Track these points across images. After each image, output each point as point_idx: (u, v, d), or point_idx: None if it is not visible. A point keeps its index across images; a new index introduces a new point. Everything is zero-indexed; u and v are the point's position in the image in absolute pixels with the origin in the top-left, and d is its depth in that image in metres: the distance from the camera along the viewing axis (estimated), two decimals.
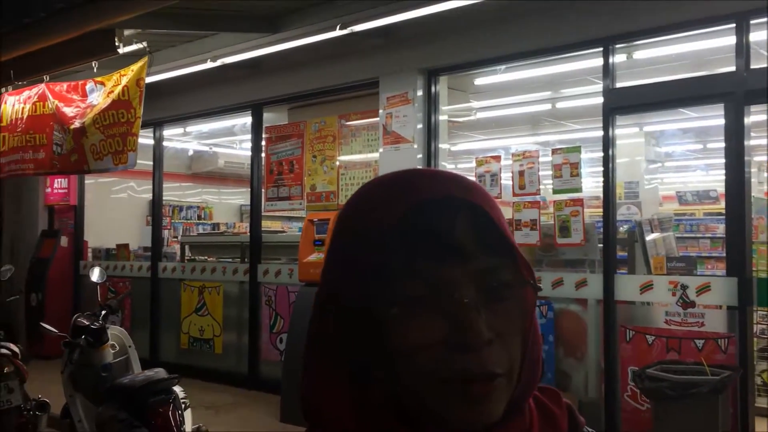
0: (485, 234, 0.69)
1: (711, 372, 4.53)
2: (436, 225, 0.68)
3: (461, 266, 0.67)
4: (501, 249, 0.69)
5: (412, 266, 0.67)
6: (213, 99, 7.99)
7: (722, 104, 4.84)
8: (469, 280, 0.67)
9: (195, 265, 8.30)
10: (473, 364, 0.66)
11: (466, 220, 0.69)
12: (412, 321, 0.67)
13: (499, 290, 0.68)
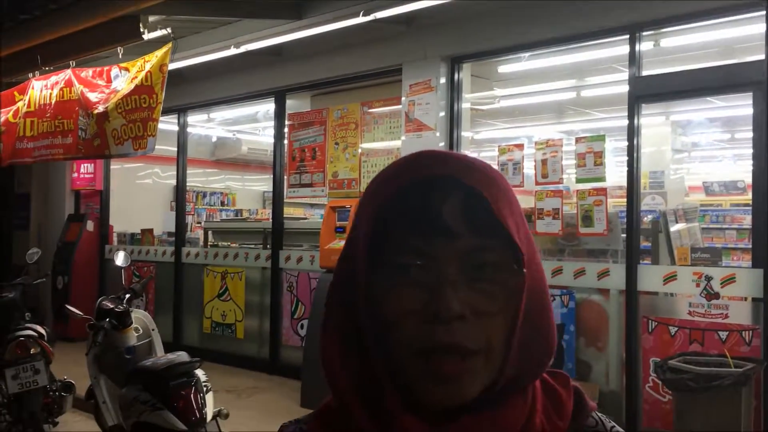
0: (477, 216, 0.70)
1: (734, 364, 4.48)
2: (427, 203, 0.70)
3: (447, 243, 0.69)
4: (492, 231, 0.70)
5: (400, 239, 0.71)
6: (236, 86, 8.03)
7: (750, 93, 4.76)
8: (454, 257, 0.69)
9: (218, 250, 8.37)
10: (442, 335, 0.68)
11: (459, 200, 0.70)
12: (395, 291, 0.70)
13: (484, 270, 0.70)
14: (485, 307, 0.69)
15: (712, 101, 7.40)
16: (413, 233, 0.70)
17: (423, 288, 0.69)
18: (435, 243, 0.70)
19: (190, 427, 3.93)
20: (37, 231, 10.28)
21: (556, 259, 5.67)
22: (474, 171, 0.72)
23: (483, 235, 0.70)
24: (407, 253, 0.70)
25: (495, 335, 0.70)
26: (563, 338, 5.42)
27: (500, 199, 0.71)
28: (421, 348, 0.69)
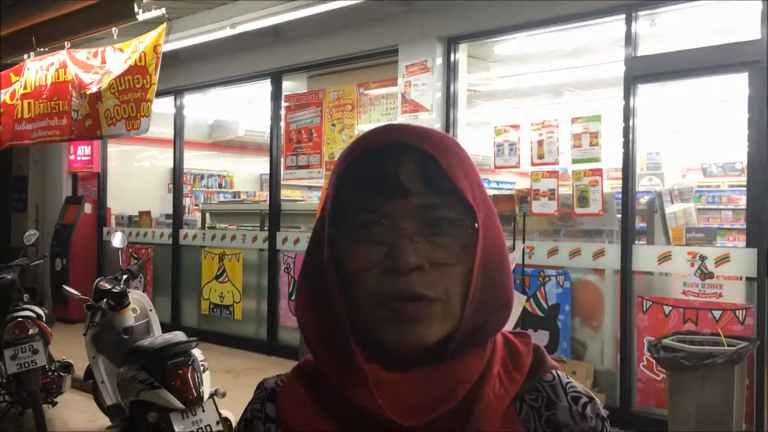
0: (431, 176, 0.75)
1: (727, 343, 4.52)
2: (383, 166, 0.76)
3: (404, 201, 0.75)
4: (446, 190, 0.75)
5: (360, 201, 0.77)
6: (233, 67, 8.01)
7: (746, 73, 4.76)
8: (409, 213, 0.75)
9: (215, 232, 8.39)
10: (402, 286, 0.73)
11: (413, 162, 0.76)
12: (357, 247, 0.76)
13: (440, 224, 0.75)
14: (441, 258, 0.75)
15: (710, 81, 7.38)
16: (372, 193, 0.76)
17: (382, 243, 0.75)
18: (392, 201, 0.75)
19: (187, 405, 3.97)
20: (34, 213, 10.29)
21: (552, 240, 5.69)
22: (427, 137, 0.78)
23: (436, 193, 0.75)
24: (367, 212, 0.76)
25: (451, 284, 0.75)
26: (558, 318, 5.46)
27: (453, 162, 0.77)
28: (382, 297, 0.74)
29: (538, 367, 0.83)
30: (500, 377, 0.79)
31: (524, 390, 0.81)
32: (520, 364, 0.81)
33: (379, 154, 0.77)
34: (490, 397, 0.76)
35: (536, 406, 0.81)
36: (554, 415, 0.80)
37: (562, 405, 0.81)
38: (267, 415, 0.87)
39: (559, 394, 0.82)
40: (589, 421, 0.80)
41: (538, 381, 0.83)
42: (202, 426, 4.00)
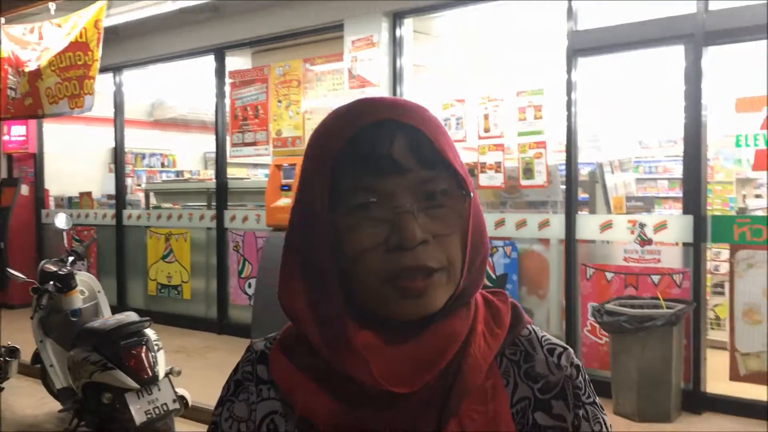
0: (423, 150, 0.78)
1: (666, 306, 4.74)
2: (377, 144, 0.77)
3: (400, 178, 0.77)
4: (436, 163, 0.78)
5: (357, 181, 0.77)
6: (174, 43, 7.84)
7: (682, 46, 4.93)
8: (407, 189, 0.77)
9: (161, 212, 8.26)
10: (409, 260, 0.75)
11: (404, 138, 0.77)
12: (358, 229, 0.77)
13: (436, 198, 0.78)
14: (442, 229, 0.78)
15: (643, 54, 7.59)
16: (367, 174, 0.77)
17: (383, 222, 0.76)
18: (388, 180, 0.77)
19: (143, 385, 3.96)
20: None
21: (499, 212, 5.82)
22: (411, 111, 0.80)
23: (429, 167, 0.78)
24: (364, 193, 0.77)
25: (453, 253, 0.78)
26: (506, 287, 5.61)
27: (438, 134, 0.80)
28: (389, 274, 0.76)
29: (517, 323, 0.88)
30: (484, 335, 0.83)
31: (505, 345, 0.86)
32: (501, 322, 0.86)
33: (367, 132, 0.78)
34: (477, 354, 0.81)
35: (515, 360, 0.86)
36: (532, 367, 0.86)
37: (539, 357, 0.86)
38: (258, 376, 0.89)
39: (535, 347, 0.87)
40: (565, 370, 0.85)
41: (516, 336, 0.88)
42: (159, 405, 4.01)
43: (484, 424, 0.80)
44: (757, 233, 4.66)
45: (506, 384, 0.84)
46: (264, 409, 0.87)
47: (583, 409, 0.85)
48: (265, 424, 0.86)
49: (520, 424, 0.83)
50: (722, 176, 6.87)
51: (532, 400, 0.84)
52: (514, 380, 0.85)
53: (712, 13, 4.78)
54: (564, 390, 0.85)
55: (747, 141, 4.81)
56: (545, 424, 0.83)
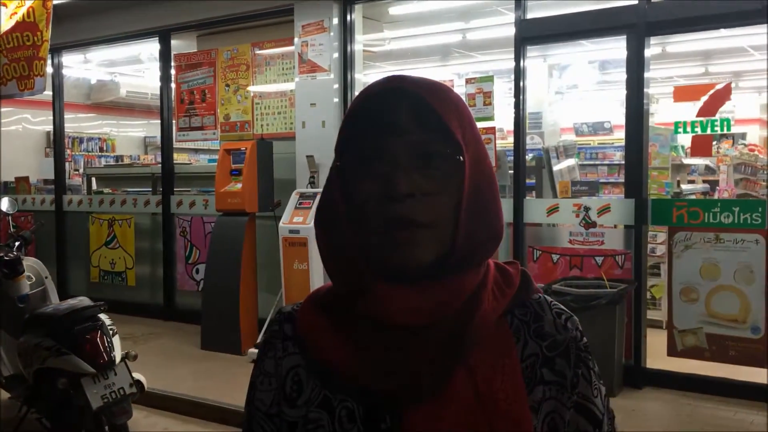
0: (425, 116, 0.86)
1: (609, 286, 4.95)
2: (383, 108, 0.86)
3: (400, 139, 0.85)
4: (438, 129, 0.86)
5: (363, 139, 0.87)
6: (117, 24, 7.65)
7: (624, 36, 5.13)
8: (405, 149, 0.85)
9: (103, 197, 8.08)
10: (396, 211, 0.83)
11: (409, 104, 0.86)
12: (362, 180, 0.86)
13: (432, 159, 0.86)
14: (431, 188, 0.85)
15: (585, 44, 7.84)
16: (373, 133, 0.86)
17: (381, 175, 0.84)
18: (390, 139, 0.85)
19: (99, 369, 3.91)
20: None
21: None
22: (423, 83, 0.88)
23: (429, 131, 0.86)
24: (369, 149, 0.86)
25: (441, 212, 0.85)
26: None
27: (446, 105, 0.87)
28: (380, 223, 0.85)
29: (526, 286, 0.95)
30: (494, 291, 0.91)
31: (514, 304, 0.93)
32: (511, 282, 0.94)
33: (381, 99, 0.87)
34: (486, 307, 0.89)
35: (525, 320, 0.94)
36: (541, 326, 0.93)
37: (547, 318, 0.94)
38: (285, 333, 0.96)
39: (545, 310, 0.95)
40: (570, 332, 0.93)
41: (526, 299, 0.95)
42: (115, 389, 3.96)
43: (493, 374, 0.88)
44: (694, 216, 4.91)
45: (517, 341, 0.91)
46: (289, 363, 0.94)
47: (583, 370, 0.91)
48: (290, 376, 0.93)
49: (529, 378, 0.90)
50: (658, 162, 7.17)
51: (540, 356, 0.91)
52: (524, 338, 0.92)
53: (654, 4, 4.99)
54: (568, 349, 0.92)
55: (685, 128, 5.05)
56: (548, 379, 0.90)
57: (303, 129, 6.34)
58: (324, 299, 0.94)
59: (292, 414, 0.92)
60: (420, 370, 0.85)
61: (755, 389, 4.73)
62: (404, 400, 0.85)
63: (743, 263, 4.77)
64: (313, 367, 0.92)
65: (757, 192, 8.00)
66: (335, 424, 0.88)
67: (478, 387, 0.86)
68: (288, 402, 0.93)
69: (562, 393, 0.90)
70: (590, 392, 0.91)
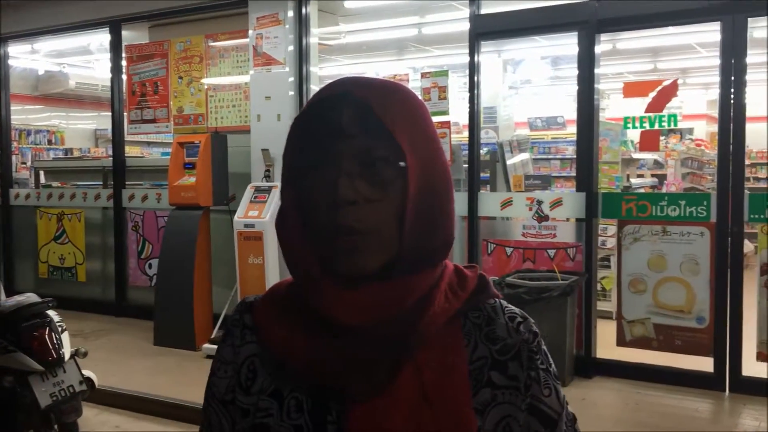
0: (369, 121, 0.86)
1: (561, 278, 5.05)
2: (329, 114, 0.86)
3: (345, 144, 0.85)
4: (383, 135, 0.86)
5: (310, 145, 0.87)
6: (65, 14, 7.47)
7: (576, 33, 5.22)
8: (349, 154, 0.85)
9: (52, 191, 7.90)
10: (339, 219, 0.84)
11: (354, 109, 0.85)
12: (309, 186, 0.87)
13: (376, 165, 0.86)
14: (373, 194, 0.85)
15: (538, 40, 7.94)
16: (320, 138, 0.87)
17: (328, 181, 0.85)
18: (335, 145, 0.85)
19: (48, 367, 3.84)
20: None
21: None
22: (372, 86, 0.88)
23: (373, 137, 0.86)
24: (317, 154, 0.87)
25: (384, 218, 0.85)
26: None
27: (392, 109, 0.87)
28: (327, 230, 0.85)
29: (482, 290, 0.96)
30: (446, 293, 0.91)
31: (467, 307, 0.94)
32: (465, 285, 0.94)
33: (329, 104, 0.88)
34: (436, 307, 0.89)
35: (478, 323, 0.94)
36: (493, 330, 0.94)
37: (499, 321, 0.94)
38: (244, 323, 0.97)
39: (498, 314, 0.95)
40: (522, 335, 0.93)
41: (481, 303, 0.96)
42: (65, 387, 3.90)
43: (440, 374, 0.88)
44: (642, 209, 5.04)
45: (467, 344, 0.92)
46: (246, 352, 0.96)
47: (535, 372, 0.91)
48: (246, 365, 0.95)
49: (476, 380, 0.90)
50: (609, 157, 7.32)
51: (489, 360, 0.92)
52: (474, 341, 0.93)
53: (605, 2, 5.08)
54: (520, 353, 0.92)
55: (634, 123, 5.17)
56: (500, 383, 0.91)
57: (258, 122, 6.30)
58: (283, 293, 0.95)
59: (246, 401, 0.94)
60: (365, 367, 0.86)
61: (700, 377, 4.88)
62: (350, 396, 0.86)
63: (689, 255, 4.91)
64: (266, 357, 0.93)
65: (703, 186, 8.24)
66: (283, 414, 0.90)
67: (424, 386, 0.87)
68: (242, 389, 0.94)
69: (516, 396, 0.90)
70: (541, 392, 0.91)
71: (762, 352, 4.77)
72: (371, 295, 0.86)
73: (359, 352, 0.86)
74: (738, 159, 4.85)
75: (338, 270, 0.86)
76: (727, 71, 4.79)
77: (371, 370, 0.86)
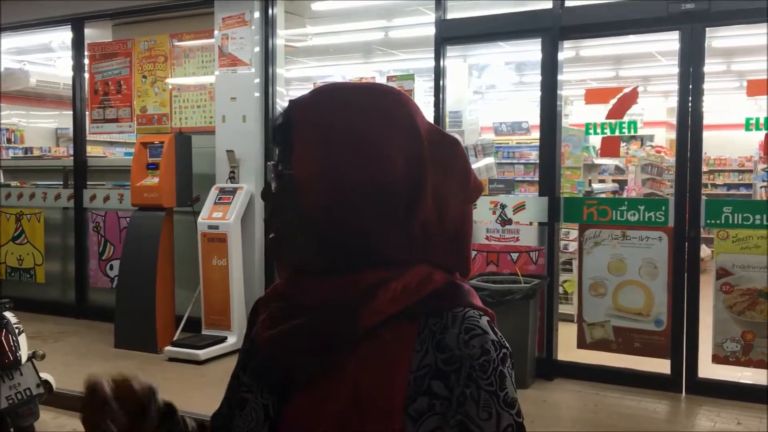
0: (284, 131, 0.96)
1: (524, 281, 5.11)
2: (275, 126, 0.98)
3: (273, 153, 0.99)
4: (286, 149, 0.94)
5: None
6: (26, 10, 7.33)
7: (540, 39, 5.29)
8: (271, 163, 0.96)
9: (10, 190, 7.74)
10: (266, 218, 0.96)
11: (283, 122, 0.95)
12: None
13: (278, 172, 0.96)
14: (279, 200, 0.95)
15: (503, 46, 8.03)
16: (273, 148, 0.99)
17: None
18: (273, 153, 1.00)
19: (4, 370, 3.76)
20: None
21: None
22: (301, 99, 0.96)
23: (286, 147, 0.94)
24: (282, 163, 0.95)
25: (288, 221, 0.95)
26: None
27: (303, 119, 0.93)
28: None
29: (446, 297, 0.94)
30: (395, 290, 0.91)
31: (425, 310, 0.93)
32: (422, 289, 0.93)
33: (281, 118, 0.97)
34: (382, 300, 0.90)
35: (434, 330, 0.92)
36: (443, 338, 0.91)
37: (452, 331, 0.91)
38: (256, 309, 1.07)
39: (455, 323, 0.92)
40: (470, 350, 0.88)
41: (444, 310, 0.93)
42: (21, 390, 3.82)
43: (378, 370, 0.89)
44: (603, 213, 5.13)
45: (419, 349, 0.91)
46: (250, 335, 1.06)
47: (474, 390, 0.87)
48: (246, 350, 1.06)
49: (417, 387, 0.89)
50: (571, 162, 7.43)
51: (433, 368, 0.89)
52: (426, 348, 0.91)
53: (568, 9, 5.17)
54: (461, 366, 0.88)
55: (596, 130, 5.26)
56: (440, 393, 0.88)
57: (223, 123, 6.26)
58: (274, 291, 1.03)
59: (244, 379, 1.03)
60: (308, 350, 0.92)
61: (658, 379, 4.98)
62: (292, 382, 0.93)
63: (648, 259, 5.01)
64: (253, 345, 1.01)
65: (663, 191, 8.41)
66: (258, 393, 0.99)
67: (359, 382, 0.89)
68: (243, 368, 1.05)
69: (448, 409, 0.87)
70: (477, 414, 0.86)
71: (717, 355, 4.88)
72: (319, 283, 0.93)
73: (304, 336, 0.92)
74: (695, 165, 4.96)
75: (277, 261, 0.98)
76: (685, 79, 4.91)
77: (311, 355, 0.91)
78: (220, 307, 5.86)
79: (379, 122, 0.91)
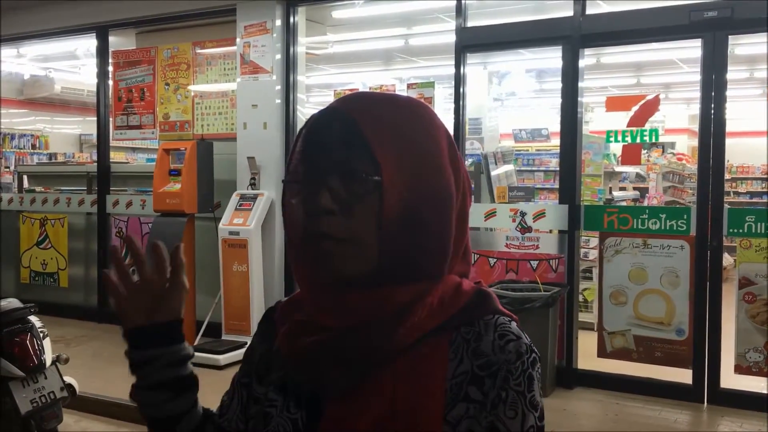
0: (352, 136, 0.90)
1: (543, 289, 5.09)
2: (316, 129, 0.93)
3: (326, 157, 0.90)
4: (360, 147, 0.90)
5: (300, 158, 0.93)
6: (52, 19, 7.46)
7: (560, 47, 5.29)
8: (331, 167, 0.89)
9: (35, 196, 7.85)
10: (313, 225, 0.89)
11: (339, 124, 0.91)
12: (297, 195, 0.93)
13: (353, 176, 0.90)
14: (350, 205, 0.89)
15: (523, 53, 8.03)
16: (307, 152, 0.92)
17: (311, 191, 0.90)
18: (319, 157, 0.91)
19: (29, 373, 3.82)
20: None
21: None
22: (357, 101, 0.93)
23: (354, 150, 0.89)
24: (303, 166, 0.92)
25: (359, 228, 0.89)
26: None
27: (373, 124, 0.90)
28: (303, 237, 0.91)
29: (477, 306, 0.95)
30: (432, 307, 0.92)
31: (458, 322, 0.94)
32: (456, 301, 0.94)
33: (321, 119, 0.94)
34: (415, 319, 0.91)
35: (467, 338, 0.93)
36: (479, 345, 0.92)
37: (487, 338, 0.93)
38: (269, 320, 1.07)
39: (489, 330, 0.94)
40: (507, 354, 0.91)
41: (476, 318, 0.95)
42: (45, 393, 3.88)
43: (415, 382, 0.90)
44: (624, 222, 5.10)
45: (453, 358, 0.92)
46: (265, 346, 1.05)
47: (506, 392, 0.89)
48: (263, 357, 1.04)
49: (455, 395, 0.90)
50: (592, 169, 7.40)
51: (470, 374, 0.91)
52: (461, 356, 0.93)
53: (589, 17, 5.16)
54: (498, 370, 0.90)
55: (617, 137, 5.24)
56: (475, 398, 0.91)
57: (244, 130, 6.31)
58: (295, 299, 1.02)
59: (258, 390, 1.02)
60: (340, 366, 0.90)
61: (679, 389, 4.94)
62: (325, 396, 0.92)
63: (669, 268, 4.98)
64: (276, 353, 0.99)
65: (684, 199, 8.34)
66: (285, 407, 0.97)
67: (397, 396, 0.89)
68: (257, 379, 1.03)
69: (480, 412, 0.90)
70: (505, 413, 0.89)
71: (740, 365, 4.83)
72: (351, 302, 0.90)
73: (338, 351, 0.90)
74: (718, 173, 4.92)
75: (315, 276, 0.91)
76: (707, 87, 4.87)
77: (345, 370, 0.90)
78: (240, 313, 5.90)
79: (435, 135, 0.94)
